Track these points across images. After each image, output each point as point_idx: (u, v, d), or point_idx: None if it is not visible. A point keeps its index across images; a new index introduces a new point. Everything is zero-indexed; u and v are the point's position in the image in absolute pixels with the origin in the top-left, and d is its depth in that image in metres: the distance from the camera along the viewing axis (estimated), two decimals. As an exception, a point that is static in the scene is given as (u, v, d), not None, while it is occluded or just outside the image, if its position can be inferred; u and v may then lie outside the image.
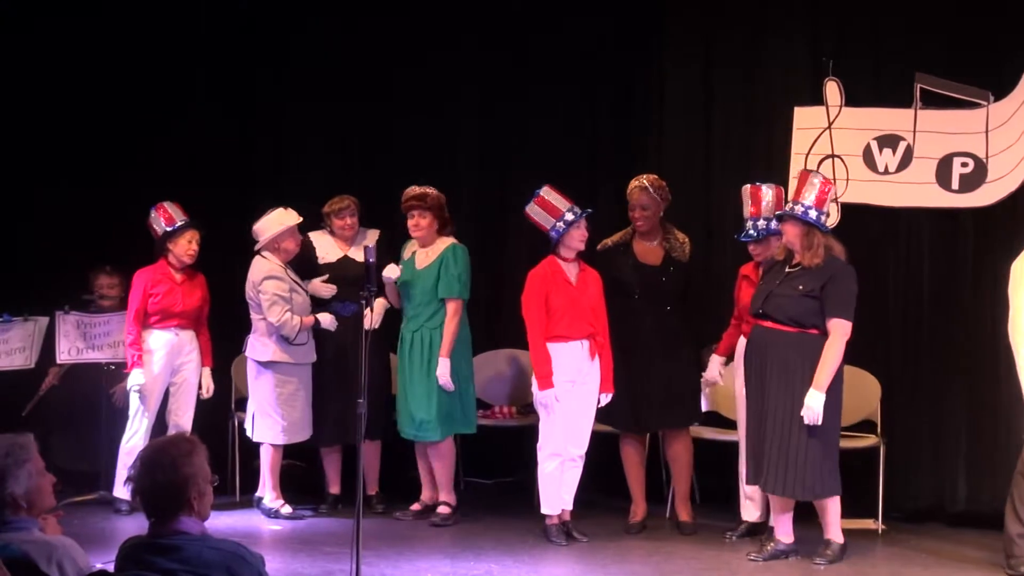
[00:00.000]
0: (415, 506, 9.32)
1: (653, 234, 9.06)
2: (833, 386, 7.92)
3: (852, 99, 9.62)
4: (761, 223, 8.58)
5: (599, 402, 8.72)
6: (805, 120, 9.74)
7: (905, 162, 9.50)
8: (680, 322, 9.08)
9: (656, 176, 9.03)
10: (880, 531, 9.12)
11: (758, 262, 8.64)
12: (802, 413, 7.80)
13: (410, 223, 9.18)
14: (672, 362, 8.97)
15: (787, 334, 7.97)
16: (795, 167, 9.69)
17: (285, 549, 8.27)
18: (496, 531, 8.81)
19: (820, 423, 7.79)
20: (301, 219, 9.25)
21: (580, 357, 8.61)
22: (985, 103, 9.31)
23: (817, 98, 9.69)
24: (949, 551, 8.62)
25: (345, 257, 9.40)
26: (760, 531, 8.63)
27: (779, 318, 7.98)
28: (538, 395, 8.56)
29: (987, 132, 9.29)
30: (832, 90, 9.66)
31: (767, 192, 8.64)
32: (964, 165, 9.36)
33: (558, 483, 8.65)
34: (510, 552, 8.36)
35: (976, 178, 9.33)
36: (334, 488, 9.53)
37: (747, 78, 9.93)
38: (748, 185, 8.73)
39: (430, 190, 9.14)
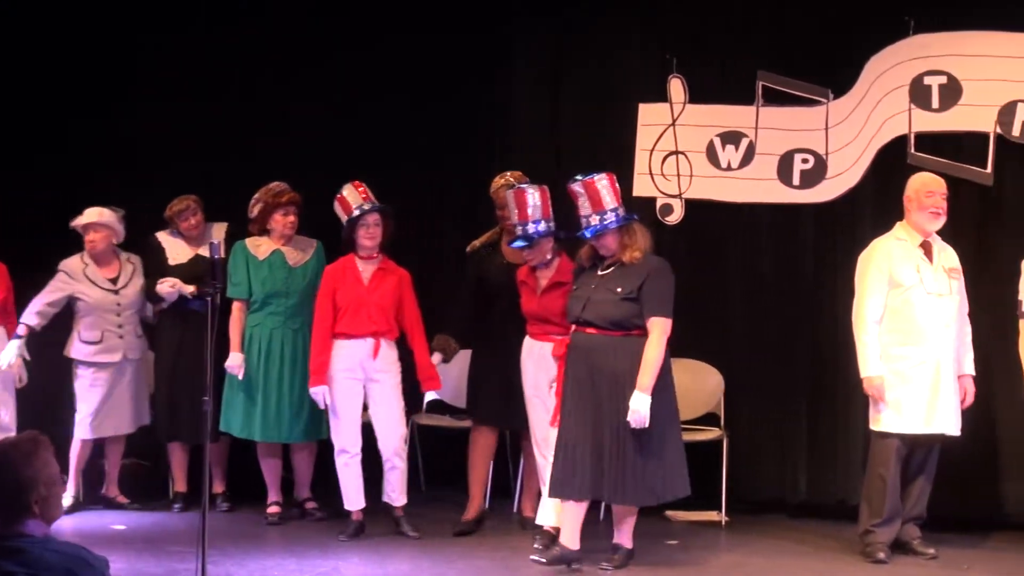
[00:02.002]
0: (272, 509, 9.20)
1: None
2: (663, 385, 7.69)
3: (696, 96, 9.75)
4: (531, 227, 8.21)
5: (424, 399, 8.88)
6: (650, 117, 9.85)
7: (747, 158, 9.65)
8: None
9: (521, 173, 8.85)
10: (724, 523, 9.24)
11: (533, 266, 8.39)
12: (628, 418, 7.50)
13: (286, 220, 9.04)
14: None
15: (611, 339, 7.67)
16: (640, 163, 9.82)
17: (129, 549, 8.14)
18: (343, 527, 8.74)
19: (647, 425, 7.50)
20: (98, 220, 9.25)
21: (363, 355, 8.51)
22: (825, 101, 9.48)
23: (661, 95, 9.79)
24: (791, 541, 8.76)
25: (196, 256, 9.31)
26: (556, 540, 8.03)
27: (600, 324, 7.69)
28: (309, 391, 8.57)
29: (827, 129, 9.47)
30: (676, 87, 9.77)
31: (533, 194, 8.25)
32: (805, 161, 9.53)
33: (350, 480, 8.60)
34: (356, 548, 8.32)
35: (816, 174, 9.50)
36: (180, 486, 9.43)
37: (593, 74, 9.98)
38: (511, 191, 8.37)
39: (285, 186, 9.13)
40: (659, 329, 7.61)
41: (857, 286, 8.30)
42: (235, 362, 8.84)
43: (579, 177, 7.95)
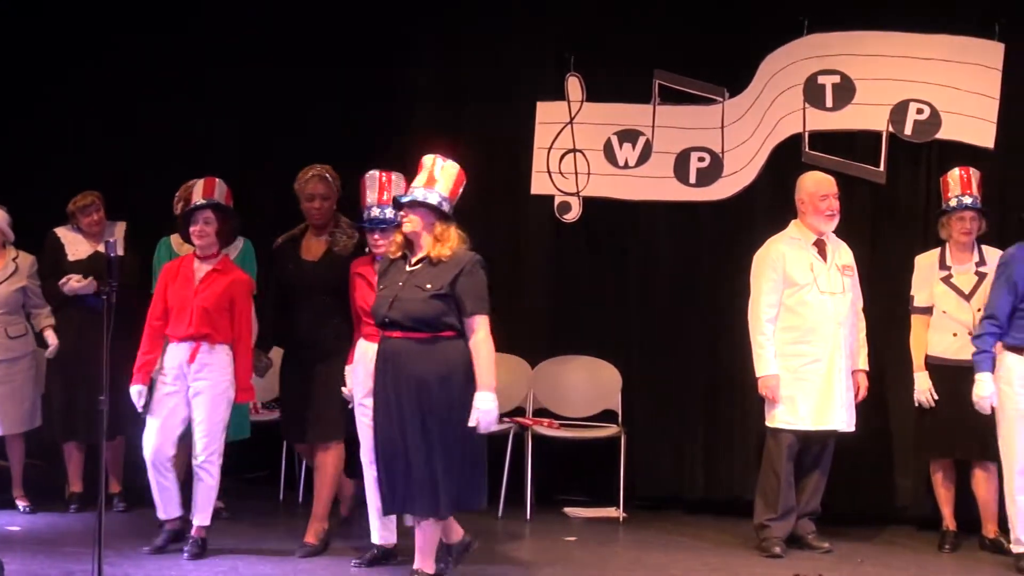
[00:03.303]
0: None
1: (327, 227, 8.21)
2: (470, 391, 6.95)
3: (593, 94, 9.79)
4: (390, 212, 7.62)
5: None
6: (547, 115, 9.88)
7: (644, 156, 9.71)
8: (345, 323, 8.00)
9: (330, 166, 8.27)
10: (622, 519, 9.28)
11: (375, 255, 7.74)
12: (472, 423, 6.86)
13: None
14: (327, 367, 8.03)
15: (420, 341, 6.98)
16: (538, 161, 9.84)
17: (24, 550, 8.00)
18: (243, 528, 8.67)
19: (495, 427, 7.06)
20: None
21: (183, 359, 7.95)
22: (721, 99, 9.58)
23: (559, 93, 9.82)
24: (688, 536, 8.82)
25: (96, 253, 9.17)
26: (392, 556, 7.76)
27: (407, 324, 6.99)
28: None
29: (723, 128, 9.56)
30: (574, 85, 9.82)
31: (399, 180, 7.79)
32: (701, 160, 9.61)
33: (158, 487, 8.00)
34: (255, 548, 8.24)
35: (712, 172, 9.59)
36: (75, 486, 9.29)
37: (491, 72, 9.97)
38: (376, 171, 7.84)
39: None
40: (483, 326, 6.99)
41: (752, 286, 8.38)
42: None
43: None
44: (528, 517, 9.23)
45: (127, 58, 10.27)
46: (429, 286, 6.97)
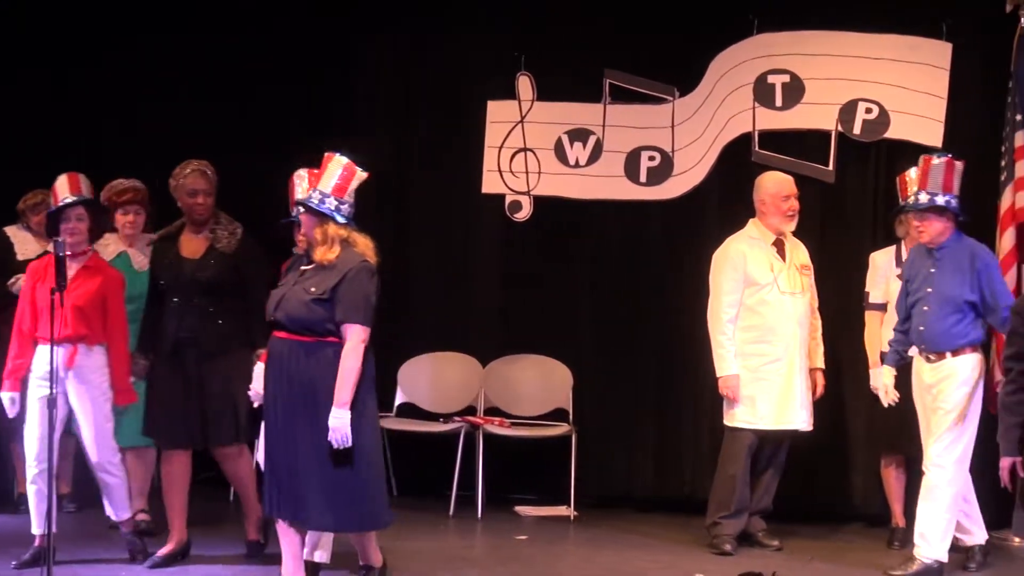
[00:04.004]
0: (142, 515, 8.50)
1: (208, 224, 7.84)
2: (366, 398, 6.76)
3: (544, 94, 9.80)
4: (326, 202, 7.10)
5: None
6: (498, 114, 9.89)
7: (595, 156, 9.73)
8: (230, 324, 7.70)
9: (207, 161, 7.90)
10: (572, 517, 9.29)
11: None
12: (329, 437, 6.60)
13: (126, 220, 8.49)
14: (216, 368, 7.69)
15: (303, 344, 6.73)
16: (489, 160, 9.84)
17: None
18: (192, 531, 8.60)
19: (350, 444, 6.61)
20: None
21: (59, 362, 7.44)
22: (671, 99, 9.61)
23: (510, 92, 9.83)
24: (639, 534, 8.84)
25: (45, 252, 9.02)
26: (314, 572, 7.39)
27: (290, 326, 6.76)
28: None
29: (673, 127, 9.59)
30: (524, 84, 9.82)
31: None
32: (651, 159, 9.63)
33: (33, 500, 7.67)
34: (205, 555, 8.15)
35: (663, 171, 9.61)
36: (23, 487, 9.17)
37: (442, 72, 9.96)
38: (304, 170, 7.43)
39: (139, 184, 8.63)
40: (354, 337, 6.67)
41: (712, 286, 8.39)
42: None
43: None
44: (479, 516, 9.24)
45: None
46: (313, 290, 6.74)
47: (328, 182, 6.83)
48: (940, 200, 7.64)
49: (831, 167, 9.27)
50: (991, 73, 8.97)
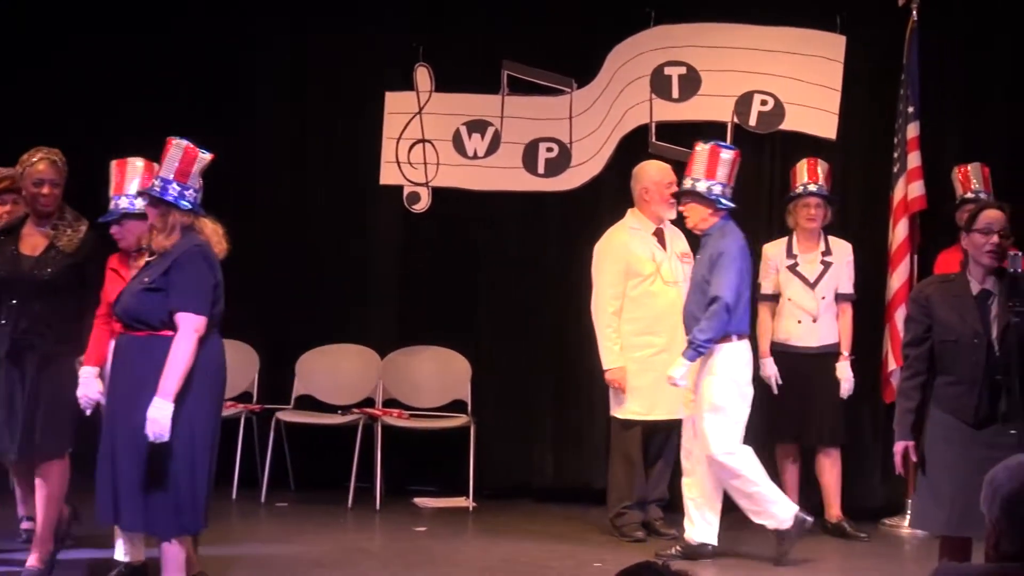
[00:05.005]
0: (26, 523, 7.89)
1: (52, 217, 7.17)
2: (196, 395, 6.33)
3: (442, 84, 9.78)
4: (123, 202, 7.04)
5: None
6: (396, 105, 9.86)
7: (493, 147, 9.73)
8: (69, 327, 7.09)
9: (58, 149, 7.25)
10: (471, 508, 9.30)
11: (124, 249, 7.14)
12: (146, 429, 6.18)
13: (2, 209, 7.76)
14: (51, 374, 7.07)
15: (137, 339, 6.37)
16: (387, 152, 9.81)
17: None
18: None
19: (166, 439, 6.20)
20: None
21: None
22: (569, 90, 9.63)
23: (408, 83, 9.80)
24: (538, 525, 8.85)
25: None
26: (141, 574, 7.02)
27: (126, 320, 6.42)
28: None
29: (571, 118, 9.62)
30: (422, 75, 9.80)
31: (137, 164, 7.10)
32: (549, 150, 9.65)
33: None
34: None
35: (561, 163, 9.64)
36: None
37: (340, 62, 9.90)
38: (115, 160, 7.21)
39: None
40: (186, 326, 6.27)
41: (594, 278, 8.41)
42: None
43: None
44: (378, 507, 9.20)
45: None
46: (147, 279, 6.39)
47: (169, 168, 6.41)
48: (701, 187, 7.74)
49: (727, 158, 9.33)
50: (884, 66, 9.09)
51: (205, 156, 6.52)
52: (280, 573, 7.51)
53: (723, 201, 7.76)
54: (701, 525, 7.82)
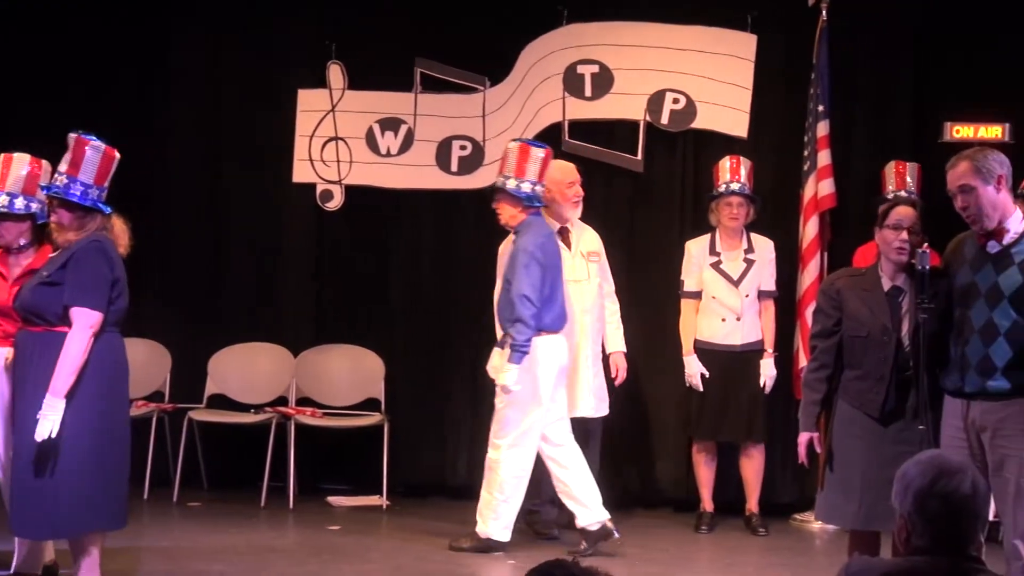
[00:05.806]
0: None
1: None
2: (87, 393, 6.18)
3: (355, 82, 9.76)
4: (3, 199, 6.69)
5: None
6: (309, 102, 9.82)
7: (406, 145, 9.72)
8: None
9: None
10: (385, 507, 9.28)
11: (3, 247, 6.84)
12: (37, 430, 6.04)
13: None
14: None
15: (34, 334, 6.25)
16: (300, 150, 9.77)
17: None
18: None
19: (53, 437, 6.04)
20: None
21: None
22: (482, 88, 9.64)
23: (321, 81, 9.76)
24: (452, 522, 8.81)
25: None
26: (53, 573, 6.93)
27: (24, 315, 6.30)
28: None
29: (484, 116, 9.63)
30: (335, 73, 9.76)
31: (24, 160, 6.82)
32: (463, 148, 9.67)
33: None
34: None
35: (474, 161, 9.65)
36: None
37: (252, 60, 9.85)
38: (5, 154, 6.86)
39: None
40: (81, 321, 6.14)
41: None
42: None
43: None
44: (291, 506, 9.17)
45: None
46: (45, 273, 6.26)
47: (88, 171, 6.27)
48: (510, 184, 7.85)
49: (640, 156, 9.38)
50: (795, 64, 9.17)
51: (116, 155, 6.44)
52: (192, 573, 7.46)
53: (533, 201, 7.85)
54: (490, 520, 8.00)
